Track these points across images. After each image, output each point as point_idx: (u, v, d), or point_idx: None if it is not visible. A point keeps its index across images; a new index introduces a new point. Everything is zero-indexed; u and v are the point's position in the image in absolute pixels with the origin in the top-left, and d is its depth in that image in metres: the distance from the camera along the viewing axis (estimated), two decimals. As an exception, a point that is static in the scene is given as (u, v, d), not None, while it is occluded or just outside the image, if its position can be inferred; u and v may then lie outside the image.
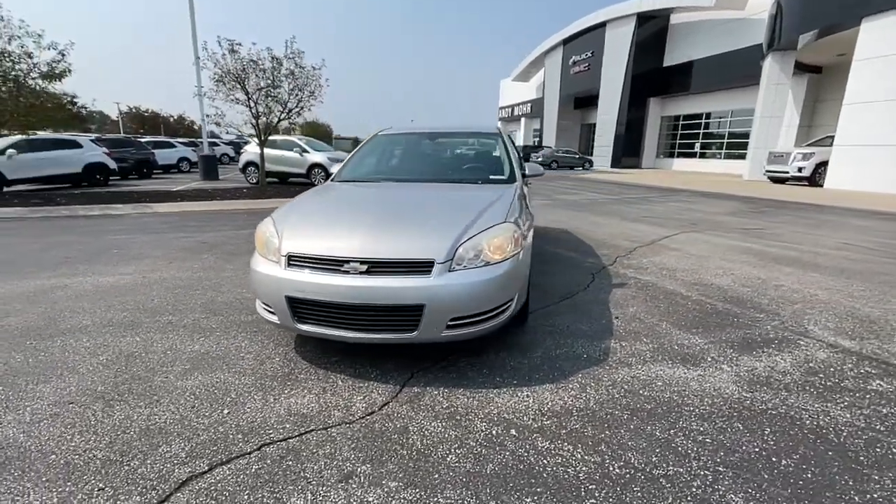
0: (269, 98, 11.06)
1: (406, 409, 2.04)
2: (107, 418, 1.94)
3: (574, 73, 33.20)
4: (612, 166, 28.82)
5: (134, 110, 56.65)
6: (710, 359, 2.52)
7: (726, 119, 25.50)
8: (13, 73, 9.13)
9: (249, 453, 1.73)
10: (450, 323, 2.18)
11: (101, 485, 1.56)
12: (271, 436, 1.84)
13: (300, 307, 2.25)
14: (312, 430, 1.87)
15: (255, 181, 13.17)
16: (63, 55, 9.55)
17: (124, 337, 2.76)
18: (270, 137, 12.96)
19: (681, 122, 28.17)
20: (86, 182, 13.19)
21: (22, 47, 9.31)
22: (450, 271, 2.18)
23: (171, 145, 20.66)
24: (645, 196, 11.98)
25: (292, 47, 10.37)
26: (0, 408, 2.01)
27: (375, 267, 2.17)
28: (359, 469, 1.65)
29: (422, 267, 2.17)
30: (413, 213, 2.70)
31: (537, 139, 40.27)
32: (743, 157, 21.06)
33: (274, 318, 2.36)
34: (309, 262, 2.25)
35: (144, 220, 7.54)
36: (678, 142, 28.56)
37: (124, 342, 2.69)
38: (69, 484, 1.57)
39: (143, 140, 18.92)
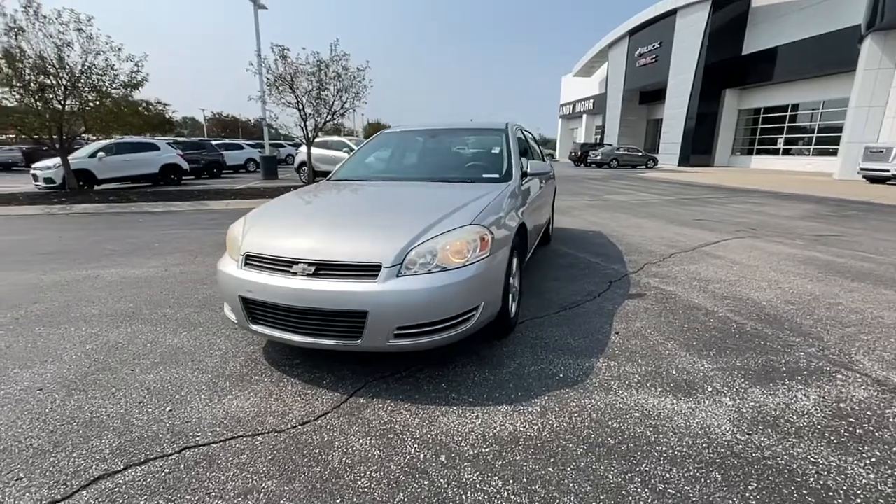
0: (319, 101, 11.50)
1: (342, 421, 1.92)
2: (60, 407, 2.02)
3: (640, 65, 31.28)
4: (680, 165, 26.79)
5: (217, 115, 62.09)
6: (710, 389, 2.14)
7: (817, 111, 22.67)
8: (98, 84, 10.24)
9: (168, 455, 1.71)
10: (397, 332, 2.03)
11: (21, 474, 1.60)
12: (197, 439, 1.80)
13: (253, 307, 2.21)
14: (239, 437, 1.81)
15: (307, 180, 13.78)
16: (138, 66, 10.57)
17: (118, 328, 2.91)
18: (322, 138, 13.52)
19: (761, 116, 25.48)
20: (162, 181, 14.55)
21: (106, 61, 10.43)
22: (398, 276, 2.02)
23: (240, 147, 22.25)
24: (706, 197, 10.92)
25: (336, 50, 10.67)
26: (-17, 389, 2.17)
27: (323, 269, 2.07)
28: (263, 485, 1.56)
29: (368, 271, 2.03)
30: (378, 213, 2.57)
31: (599, 136, 38.50)
32: (836, 153, 18.59)
33: (233, 318, 2.35)
34: (262, 263, 2.21)
35: (196, 217, 8.10)
36: (758, 137, 25.87)
37: (114, 333, 2.83)
38: (-5, 471, 1.62)
39: (214, 142, 20.52)
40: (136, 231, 6.60)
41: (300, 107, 11.03)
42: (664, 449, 1.72)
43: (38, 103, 9.72)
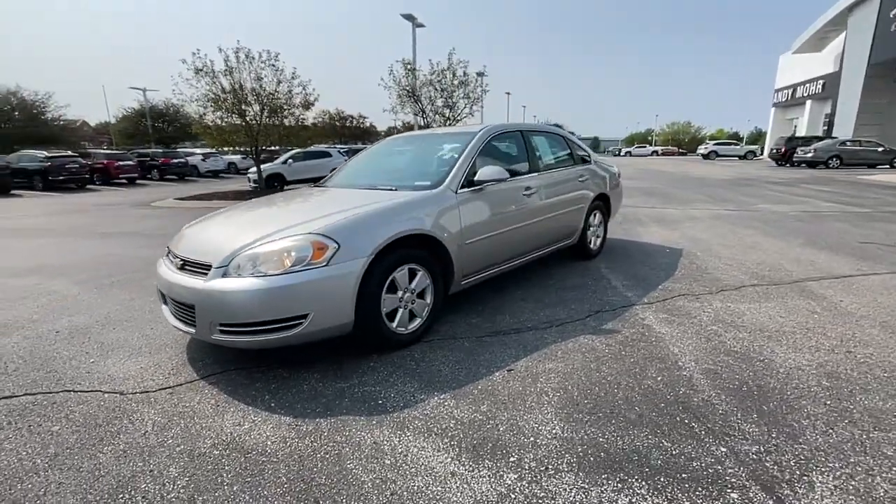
0: (445, 107, 12.20)
1: (165, 398, 2.20)
2: (50, 346, 2.84)
3: (899, 28, 22.89)
4: (958, 162, 18.75)
5: (406, 125, 71.11)
6: (513, 460, 1.67)
7: None
8: (279, 106, 13.03)
9: (49, 393, 2.27)
10: (221, 328, 2.21)
11: (-22, 384, 2.38)
12: (77, 386, 2.33)
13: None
14: (95, 392, 2.28)
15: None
16: (304, 89, 13.04)
17: (150, 297, 3.83)
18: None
19: None
20: (332, 182, 17.62)
21: (288, 88, 13.17)
22: (223, 277, 2.20)
23: (403, 152, 25.05)
24: (938, 210, 7.51)
25: (451, 59, 11.12)
26: (17, 326, 3.20)
27: (185, 265, 2.41)
28: (56, 432, 1.95)
29: (203, 269, 2.27)
30: (262, 218, 2.76)
31: (826, 127, 29.78)
32: None
33: (164, 298, 2.89)
34: (168, 255, 2.67)
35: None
36: None
37: (143, 300, 3.74)
38: (-26, 378, 2.44)
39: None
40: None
41: (423, 115, 11.91)
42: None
43: (243, 124, 12.94)
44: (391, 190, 2.99)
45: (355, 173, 3.71)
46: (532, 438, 1.80)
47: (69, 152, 18.75)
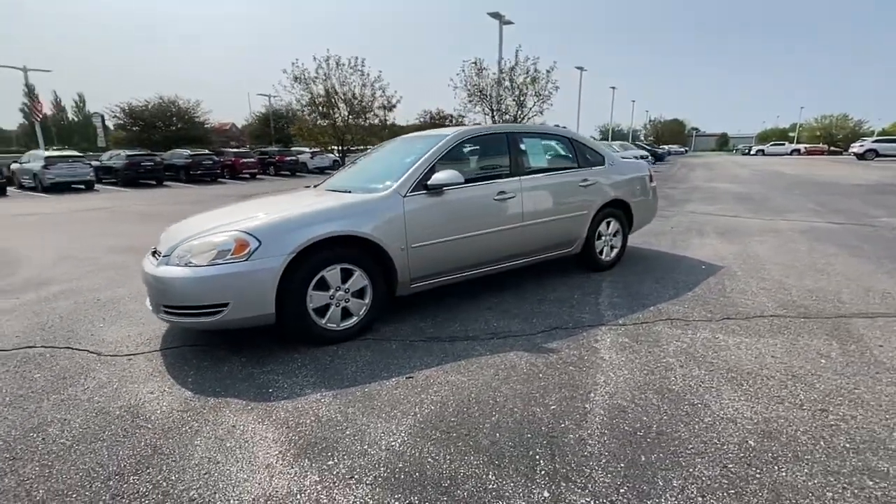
0: (517, 106, 11.96)
1: (123, 363, 2.63)
2: (83, 310, 3.52)
3: None
4: None
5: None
6: (339, 450, 1.69)
7: None
8: (362, 108, 14.01)
9: (55, 347, 2.86)
10: (165, 308, 2.56)
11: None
12: (76, 345, 2.88)
13: (154, 273, 3.17)
14: (84, 351, 2.80)
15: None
16: (384, 92, 13.82)
17: (183, 276, 4.50)
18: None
19: None
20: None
21: (371, 91, 14.10)
22: (166, 264, 2.55)
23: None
24: None
25: (518, 56, 10.80)
26: (78, 292, 3.98)
27: (155, 252, 2.82)
28: (33, 379, 2.46)
29: (157, 257, 2.65)
30: (224, 215, 3.04)
31: None
32: None
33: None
34: (156, 244, 3.14)
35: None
36: None
37: (175, 278, 4.41)
38: None
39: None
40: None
41: (493, 115, 11.81)
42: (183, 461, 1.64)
43: (330, 124, 14.20)
44: (346, 192, 3.12)
45: (339, 176, 3.92)
46: (365, 447, 1.80)
47: (206, 151, 22.32)
